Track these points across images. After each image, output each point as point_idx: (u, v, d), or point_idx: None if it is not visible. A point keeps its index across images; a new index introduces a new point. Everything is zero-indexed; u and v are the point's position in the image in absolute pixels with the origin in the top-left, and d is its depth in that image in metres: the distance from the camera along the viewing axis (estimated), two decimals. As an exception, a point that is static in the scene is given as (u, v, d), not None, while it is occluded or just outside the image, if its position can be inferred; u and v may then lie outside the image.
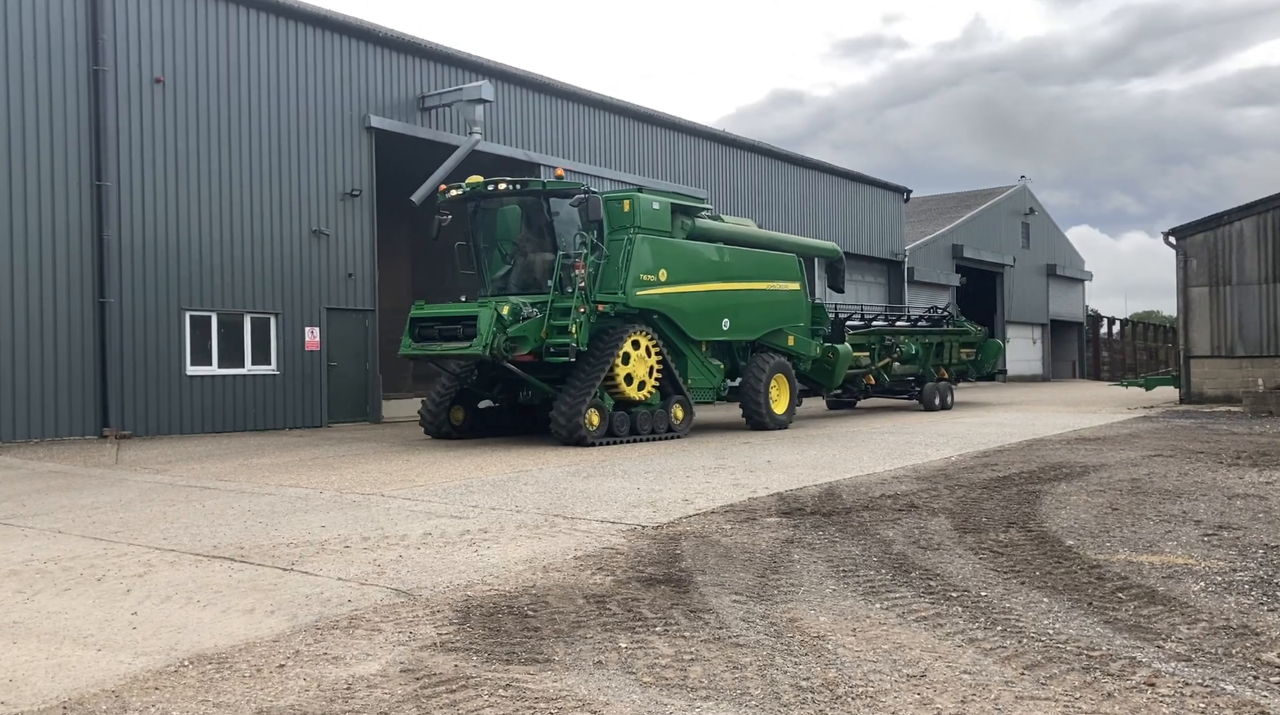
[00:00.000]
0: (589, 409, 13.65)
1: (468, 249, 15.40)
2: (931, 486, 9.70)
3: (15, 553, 6.75)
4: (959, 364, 25.66)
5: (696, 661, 4.40)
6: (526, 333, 13.58)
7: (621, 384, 14.13)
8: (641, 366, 14.45)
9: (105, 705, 3.90)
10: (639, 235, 14.88)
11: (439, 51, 20.47)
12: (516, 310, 13.68)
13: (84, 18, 15.19)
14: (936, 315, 26.58)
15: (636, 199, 15.15)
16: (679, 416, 15.33)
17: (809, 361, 18.67)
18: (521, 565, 6.26)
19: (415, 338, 14.29)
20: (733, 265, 16.61)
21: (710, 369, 16.32)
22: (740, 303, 16.65)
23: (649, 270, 14.88)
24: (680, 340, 15.67)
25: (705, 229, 16.47)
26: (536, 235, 14.96)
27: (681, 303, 15.50)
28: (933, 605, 5.32)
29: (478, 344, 13.26)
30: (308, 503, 8.95)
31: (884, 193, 36.31)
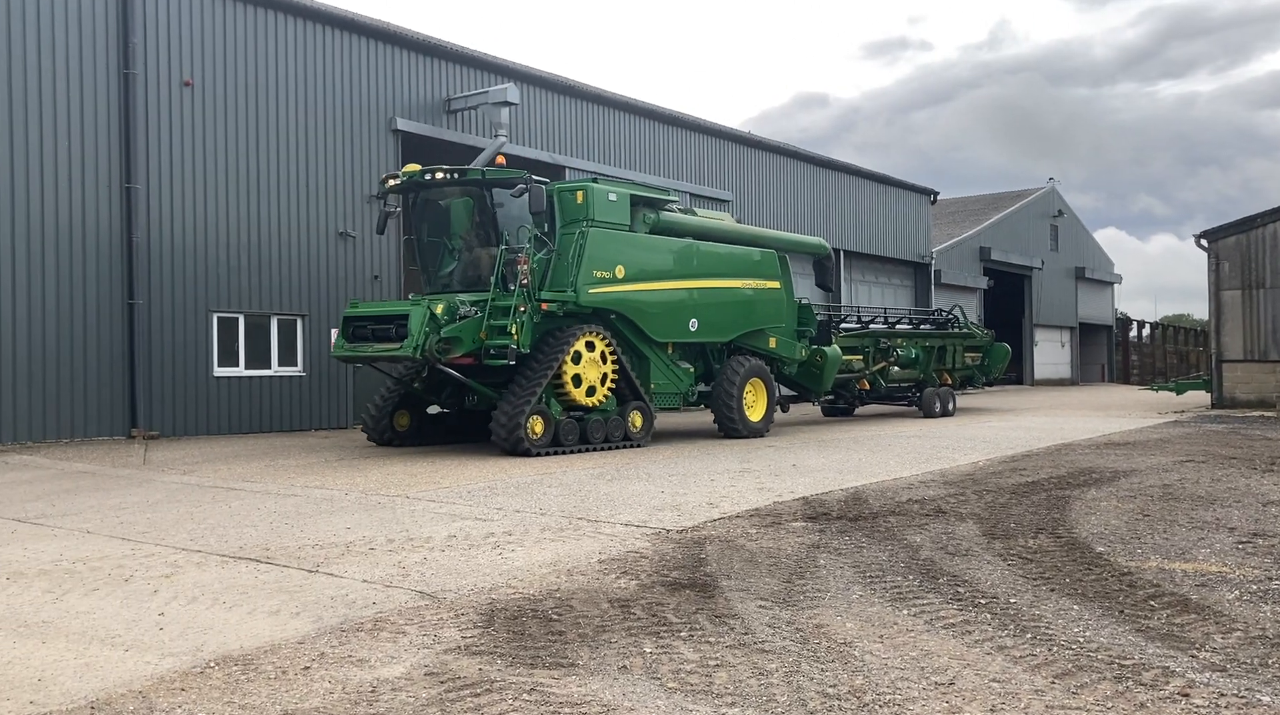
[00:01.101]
0: (531, 416, 12.59)
1: (412, 243, 14.53)
2: (959, 491, 9.61)
3: (45, 552, 6.81)
4: (964, 369, 24.33)
5: (722, 667, 4.37)
6: (462, 333, 12.59)
7: (571, 389, 13.15)
8: (594, 370, 13.46)
9: (132, 706, 3.91)
10: (593, 229, 13.81)
11: (465, 54, 20.53)
12: (452, 309, 12.71)
13: (115, 22, 15.35)
14: (942, 317, 25.48)
15: (591, 190, 14.05)
16: (637, 424, 14.18)
17: (794, 365, 17.75)
18: (545, 568, 6.25)
19: (349, 338, 13.34)
20: (703, 262, 15.53)
21: (677, 373, 15.35)
22: (711, 302, 15.55)
23: (604, 266, 13.82)
24: (642, 342, 14.69)
25: (672, 223, 15.39)
26: (480, 228, 13.98)
27: (642, 302, 14.44)
28: (961, 612, 5.26)
29: (408, 345, 12.33)
30: (333, 504, 8.98)
31: (911, 194, 36.10)
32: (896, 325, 23.97)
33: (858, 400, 21.53)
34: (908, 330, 23.60)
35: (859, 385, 21.10)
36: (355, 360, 13.32)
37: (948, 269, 37.74)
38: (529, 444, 12.50)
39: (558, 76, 22.79)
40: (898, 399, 22.44)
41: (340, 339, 13.42)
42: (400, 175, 13.88)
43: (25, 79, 14.41)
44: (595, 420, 13.55)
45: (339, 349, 13.37)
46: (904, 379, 22.45)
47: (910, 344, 22.61)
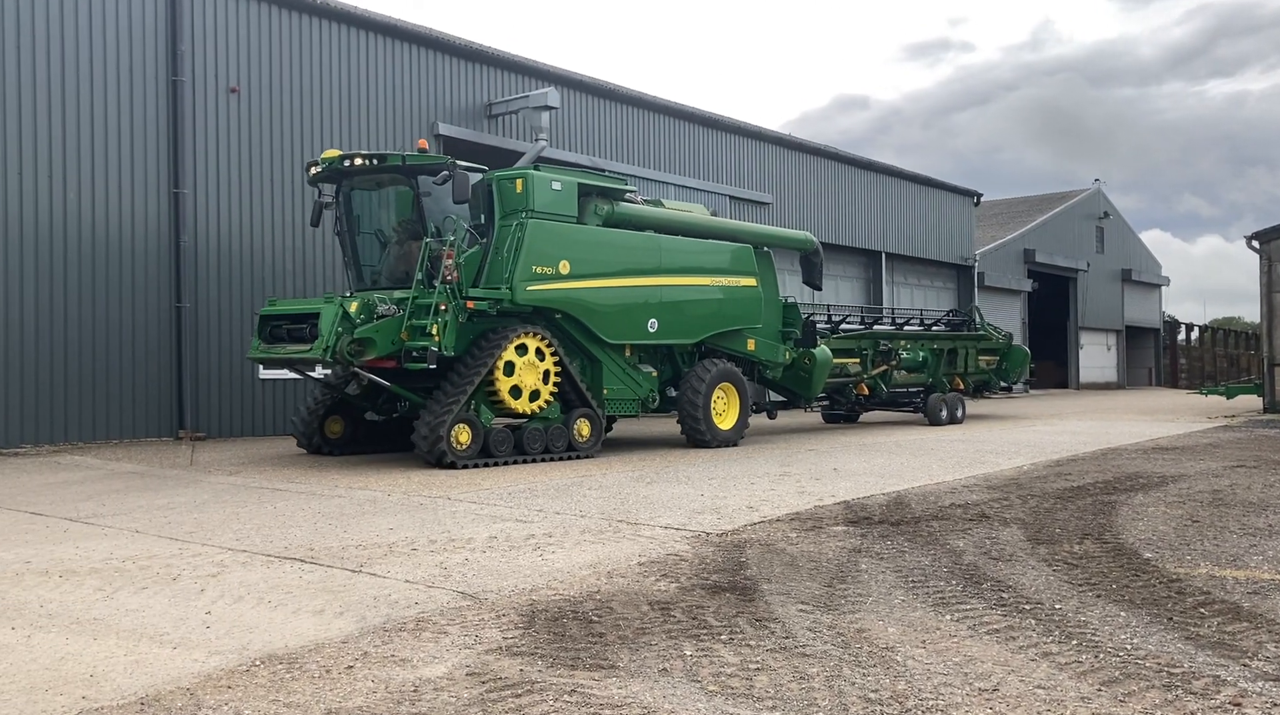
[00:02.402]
0: (456, 425, 11.62)
1: (341, 237, 13.55)
2: (1003, 496, 9.51)
3: (96, 551, 6.94)
4: (978, 373, 22.53)
5: (762, 671, 4.35)
6: (376, 334, 11.58)
7: (505, 395, 12.16)
8: (531, 374, 12.42)
9: (180, 703, 3.98)
10: (532, 220, 12.69)
11: (506, 59, 20.66)
12: (369, 307, 11.73)
13: (164, 30, 15.63)
14: (956, 319, 23.71)
15: (530, 178, 12.94)
16: (584, 433, 13.06)
17: (778, 368, 16.62)
18: (586, 570, 6.26)
19: (265, 338, 12.42)
20: (666, 257, 14.38)
21: (635, 377, 14.16)
22: (674, 301, 14.39)
23: (545, 261, 12.73)
24: (593, 344, 13.59)
25: (630, 215, 14.29)
26: (408, 220, 12.97)
27: (591, 300, 13.31)
28: (1005, 617, 5.20)
29: (317, 346, 11.43)
30: (376, 505, 9.06)
31: (953, 196, 35.77)
32: (904, 326, 22.30)
33: (855, 406, 20.22)
34: (912, 332, 21.76)
35: (857, 390, 19.67)
36: (270, 363, 12.48)
37: (991, 271, 37.36)
38: (452, 455, 11.54)
39: (598, 80, 22.86)
40: (902, 405, 20.83)
41: (256, 340, 12.54)
42: (319, 162, 12.88)
43: (78, 88, 14.71)
44: (533, 429, 12.48)
45: (254, 351, 12.50)
46: (912, 384, 20.92)
47: (917, 346, 20.97)
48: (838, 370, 18.45)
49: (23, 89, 14.19)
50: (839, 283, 30.80)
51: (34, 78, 14.31)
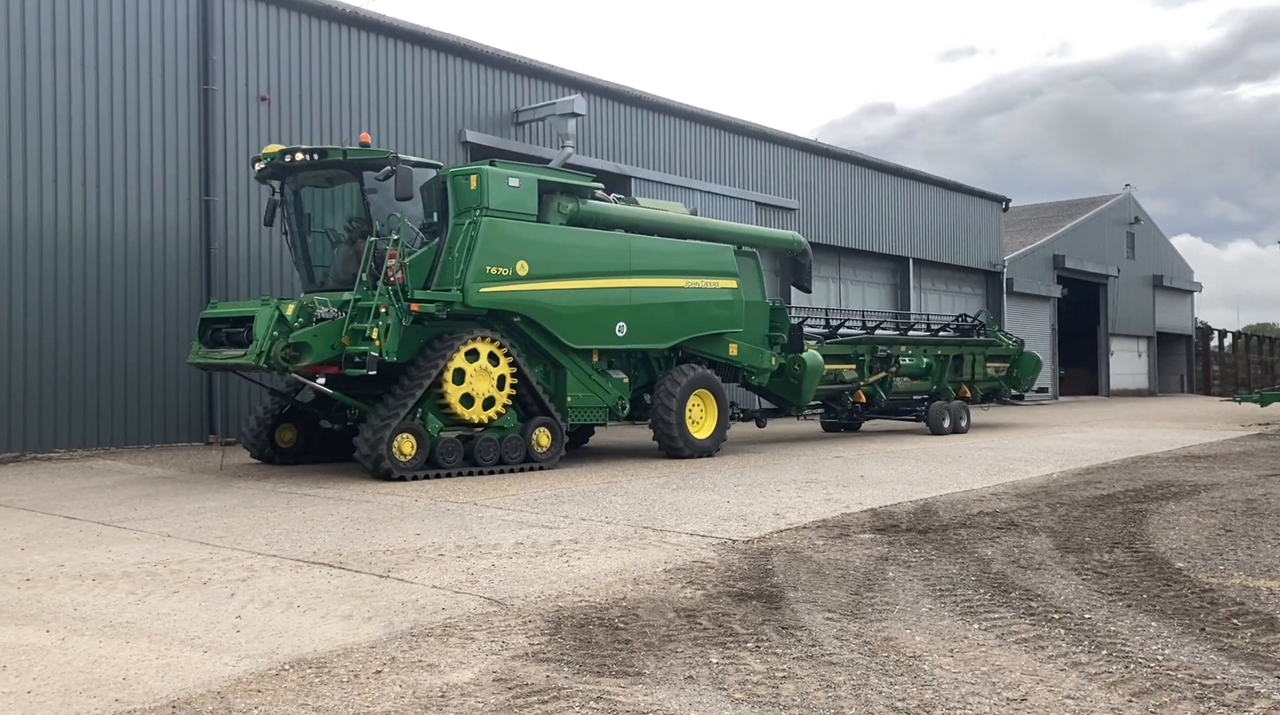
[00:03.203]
0: (399, 434, 11.06)
1: (289, 237, 12.97)
2: (1032, 504, 9.43)
3: (128, 555, 7.02)
4: (986, 380, 21.55)
5: (789, 679, 4.34)
6: (312, 338, 11.01)
7: (454, 403, 11.51)
8: (484, 381, 11.75)
9: (211, 706, 4.02)
10: (486, 218, 12.01)
11: (533, 67, 20.75)
12: (307, 310, 11.17)
13: (196, 40, 15.82)
14: (966, 324, 22.48)
15: (485, 174, 12.22)
16: (542, 443, 12.36)
17: (764, 375, 15.86)
18: (612, 577, 6.27)
19: (206, 342, 11.86)
20: (636, 258, 13.68)
21: (602, 384, 13.42)
22: (644, 303, 13.68)
23: (501, 262, 12.06)
24: (557, 349, 12.92)
25: (598, 214, 13.63)
26: (355, 218, 12.36)
27: (552, 303, 12.63)
28: (1034, 627, 5.16)
29: (251, 351, 10.89)
30: (403, 510, 9.12)
31: (981, 202, 35.56)
32: (909, 331, 21.41)
33: (852, 414, 19.14)
34: (914, 337, 20.80)
35: (854, 398, 18.62)
36: (210, 367, 12.01)
37: (1020, 277, 37.09)
38: (394, 467, 10.98)
39: (624, 87, 22.92)
40: (904, 413, 19.84)
41: (197, 343, 12.01)
42: (262, 157, 12.33)
43: (111, 97, 14.92)
44: (486, 439, 11.83)
45: (194, 355, 11.98)
46: (915, 391, 20.00)
47: (919, 352, 20.03)
48: (831, 377, 17.74)
49: (58, 99, 14.40)
50: (866, 288, 30.69)
51: (69, 87, 14.52)
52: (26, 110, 14.15)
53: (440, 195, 12.37)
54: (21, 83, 14.09)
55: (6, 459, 13.64)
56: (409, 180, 11.46)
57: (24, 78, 14.12)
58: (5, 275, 13.90)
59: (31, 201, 14.19)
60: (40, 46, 14.27)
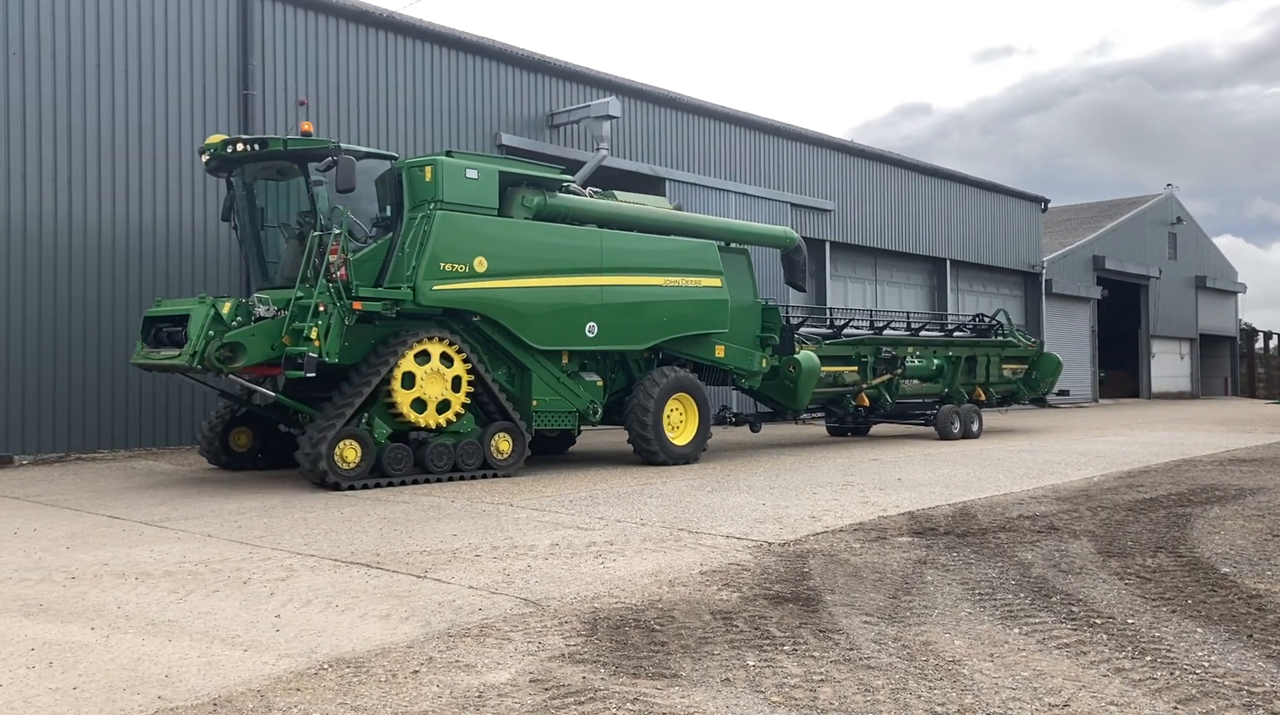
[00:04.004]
0: (340, 441, 10.51)
1: (240, 231, 12.46)
2: (1072, 507, 9.32)
3: (170, 554, 7.11)
4: (1002, 383, 20.57)
5: (826, 682, 4.31)
6: (247, 338, 10.46)
7: (404, 407, 10.96)
8: (436, 384, 11.18)
9: (252, 704, 4.06)
10: (441, 212, 11.39)
11: (567, 69, 20.81)
12: (245, 309, 10.72)
13: (235, 46, 16.02)
14: (983, 324, 21.37)
15: (440, 165, 11.59)
16: (502, 449, 11.78)
17: (756, 377, 15.16)
18: (647, 579, 6.26)
19: (148, 341, 11.36)
20: (609, 254, 12.97)
21: (572, 387, 12.76)
22: (617, 302, 12.97)
23: (457, 258, 11.43)
24: (521, 351, 12.27)
25: (567, 208, 12.90)
26: (305, 211, 11.71)
27: (513, 301, 11.96)
28: (1075, 632, 5.09)
29: (185, 351, 10.40)
30: (440, 511, 9.16)
31: (1020, 202, 35.21)
32: (920, 331, 20.07)
33: (856, 418, 18.31)
34: (921, 338, 19.60)
35: (857, 401, 17.80)
36: (151, 368, 11.39)
37: (1059, 278, 36.68)
38: (334, 475, 10.43)
39: (658, 89, 22.93)
40: (913, 417, 18.93)
41: (140, 343, 11.53)
42: (205, 148, 11.79)
43: (154, 102, 15.14)
44: (439, 445, 11.26)
45: (136, 356, 11.48)
46: (925, 394, 19.11)
47: (929, 353, 19.07)
48: (831, 379, 17.04)
49: (100, 106, 14.63)
50: (903, 290, 30.50)
51: (111, 94, 14.75)
52: (71, 116, 14.40)
53: (395, 188, 11.79)
54: (67, 89, 14.33)
55: (51, 459, 13.88)
56: (350, 171, 10.81)
57: (69, 84, 14.36)
58: (50, 280, 14.15)
59: (76, 205, 14.43)
60: (84, 54, 14.51)
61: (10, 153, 13.89)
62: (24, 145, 13.98)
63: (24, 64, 13.99)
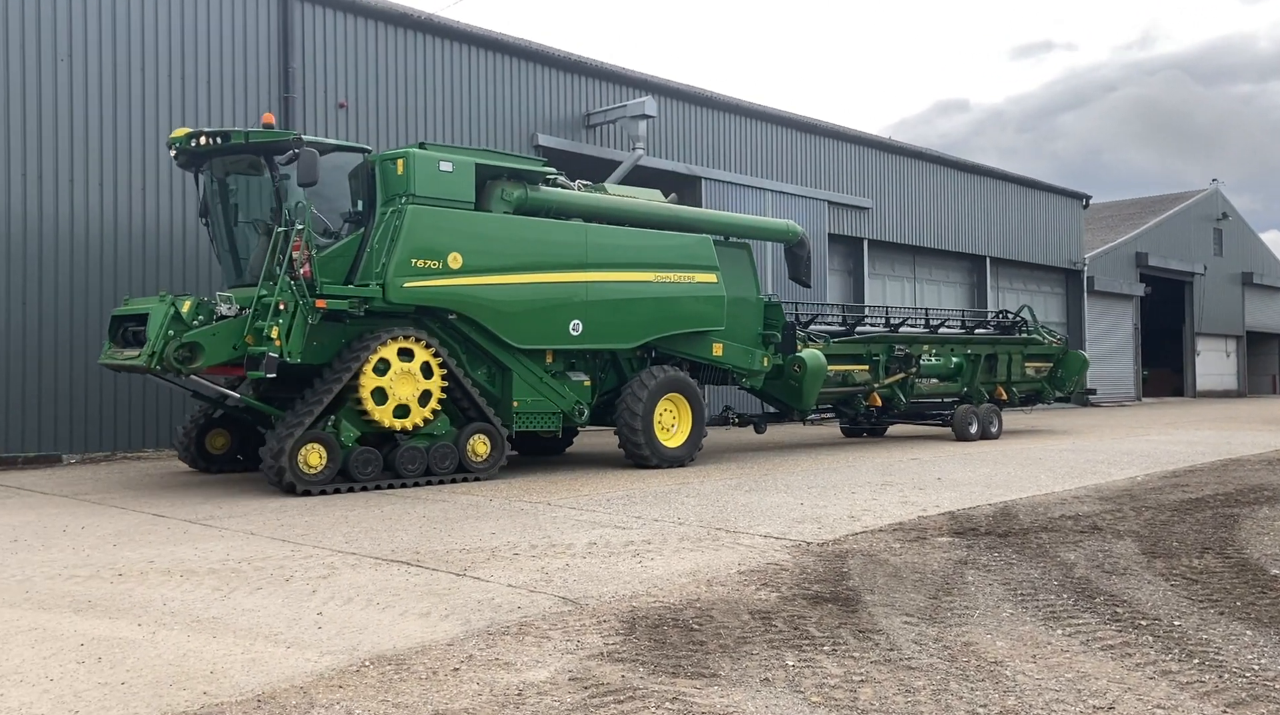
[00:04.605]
0: (304, 445, 10.16)
1: (210, 228, 12.13)
2: (1116, 507, 9.19)
3: (214, 552, 7.21)
4: (1025, 381, 19.84)
5: (867, 683, 4.29)
6: (206, 338, 10.16)
7: (373, 409, 10.56)
8: (407, 385, 10.76)
9: (295, 701, 4.10)
10: (412, 206, 11.01)
11: (603, 69, 20.84)
12: (207, 307, 10.45)
13: (276, 49, 16.21)
14: (1006, 321, 20.64)
15: (412, 158, 11.19)
16: (479, 452, 11.36)
17: (758, 377, 14.66)
18: (685, 578, 6.26)
19: (116, 341, 11.08)
20: (595, 249, 12.50)
21: (556, 387, 12.32)
22: (604, 299, 12.49)
23: (429, 254, 11.05)
24: (501, 350, 11.85)
25: (550, 201, 12.43)
26: (269, 207, 11.29)
27: (491, 298, 11.54)
28: (1120, 633, 5.02)
29: (144, 352, 10.12)
30: (478, 510, 9.22)
31: (1060, 199, 34.79)
32: (939, 328, 19.36)
33: (872, 419, 17.74)
34: (937, 335, 18.85)
35: (868, 401, 17.16)
36: (116, 369, 11.12)
37: (1101, 276, 36.20)
38: (297, 480, 10.07)
39: (694, 88, 22.90)
40: (929, 417, 18.25)
41: (107, 342, 11.27)
42: (171, 142, 11.52)
43: (196, 107, 15.35)
44: (411, 448, 10.88)
45: (103, 356, 11.21)
46: (944, 393, 18.49)
47: (946, 351, 18.45)
48: (840, 378, 16.48)
49: (145, 110, 14.86)
50: (942, 288, 30.25)
51: (156, 102, 14.98)
52: (117, 119, 14.65)
53: (368, 182, 11.43)
54: (113, 92, 14.58)
55: (98, 458, 14.12)
56: (312, 164, 10.35)
57: (114, 88, 14.60)
58: (96, 283, 14.39)
59: (121, 206, 14.67)
60: (130, 58, 14.74)
61: (58, 154, 14.14)
62: (71, 148, 14.23)
63: (71, 70, 14.24)
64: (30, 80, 13.92)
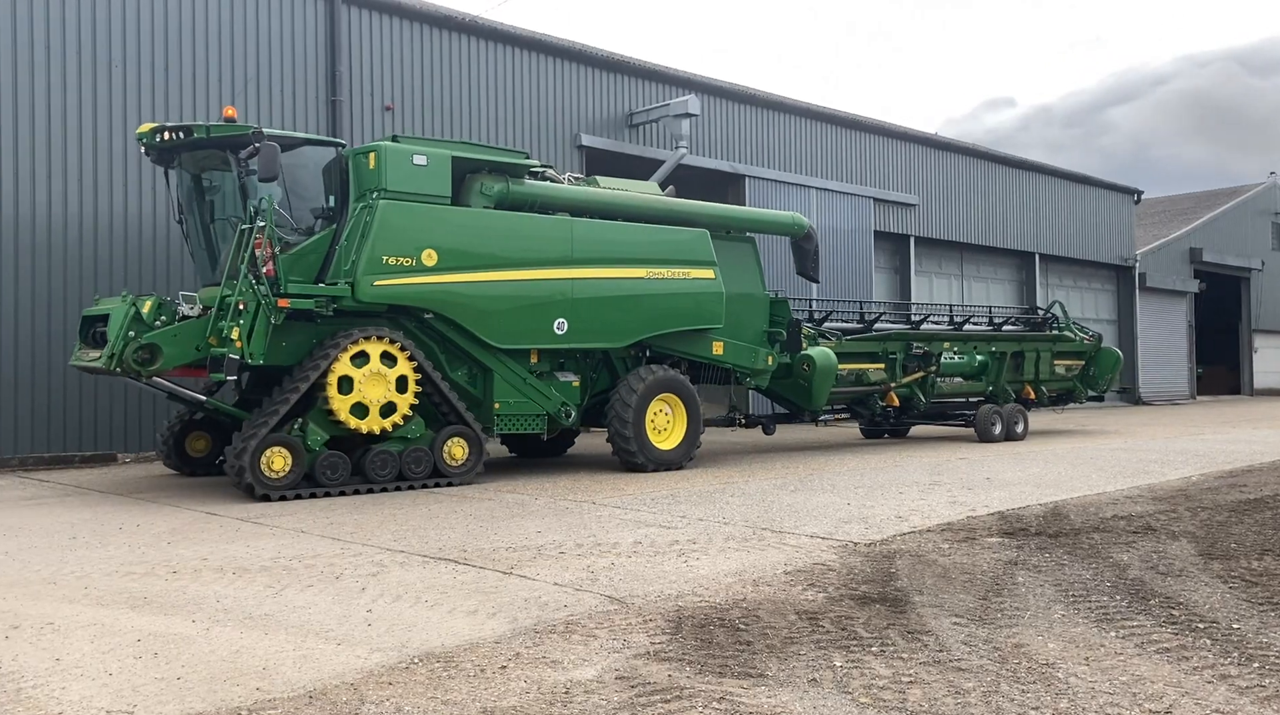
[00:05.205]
0: (266, 449, 9.81)
1: (185, 223, 11.81)
2: (1170, 508, 9.02)
3: (265, 550, 7.32)
4: (1055, 380, 18.97)
5: (915, 684, 4.25)
6: (168, 339, 9.92)
7: (341, 412, 10.20)
8: (378, 387, 10.37)
9: (345, 697, 4.15)
10: (384, 201, 10.61)
11: (646, 69, 20.85)
12: (170, 307, 10.21)
13: (324, 53, 16.42)
14: (1036, 317, 20.03)
15: (383, 151, 10.80)
16: (457, 456, 10.94)
17: (762, 376, 14.07)
18: (731, 578, 6.24)
19: (87, 342, 10.84)
20: (580, 244, 12.00)
21: (541, 389, 11.88)
22: (591, 296, 12.03)
23: (402, 251, 10.67)
24: (481, 349, 11.44)
25: (533, 195, 11.94)
26: (236, 204, 10.95)
27: (468, 296, 11.14)
28: (1176, 636, 4.93)
29: (104, 353, 9.89)
30: (524, 508, 9.26)
31: (1111, 194, 34.21)
32: (964, 325, 18.64)
33: (890, 419, 17.05)
34: (958, 333, 18.08)
35: (885, 401, 16.47)
36: (83, 370, 10.84)
37: (1153, 272, 35.53)
38: (259, 485, 9.73)
39: (737, 86, 22.83)
40: (951, 418, 17.65)
41: (79, 343, 11.07)
42: (138, 138, 11.24)
43: (245, 111, 15.57)
44: (382, 452, 10.50)
45: (74, 358, 10.98)
46: (968, 393, 17.86)
47: (969, 349, 17.67)
48: (853, 377, 15.89)
49: (197, 116, 15.11)
50: (990, 285, 29.88)
51: (207, 104, 15.23)
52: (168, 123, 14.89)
53: (341, 177, 11.13)
54: (165, 98, 14.84)
55: (152, 457, 14.38)
56: (272, 158, 10.05)
57: (165, 94, 14.87)
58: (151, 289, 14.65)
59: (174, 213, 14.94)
60: (181, 64, 15.00)
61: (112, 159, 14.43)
62: (125, 154, 14.51)
63: (125, 77, 14.52)
64: (86, 88, 14.21)
